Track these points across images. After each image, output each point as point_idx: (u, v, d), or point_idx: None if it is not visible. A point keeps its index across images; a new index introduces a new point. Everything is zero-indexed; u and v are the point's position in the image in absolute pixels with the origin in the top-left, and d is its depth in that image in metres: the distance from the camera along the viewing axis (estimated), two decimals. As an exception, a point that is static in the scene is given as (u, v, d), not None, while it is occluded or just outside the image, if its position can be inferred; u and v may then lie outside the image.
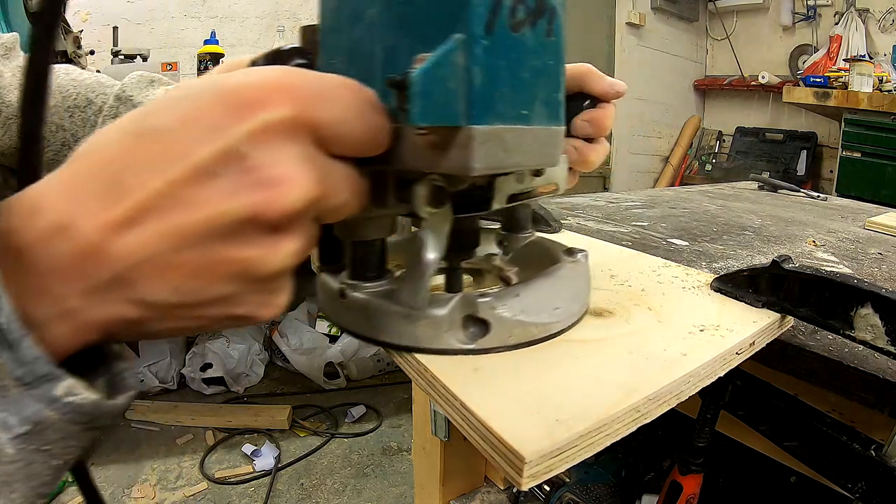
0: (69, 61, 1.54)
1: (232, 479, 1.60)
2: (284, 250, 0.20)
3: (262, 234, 0.20)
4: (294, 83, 0.20)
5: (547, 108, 0.27)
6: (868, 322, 0.31)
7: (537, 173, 0.32)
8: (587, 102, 0.38)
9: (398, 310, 0.28)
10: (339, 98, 0.21)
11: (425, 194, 0.26)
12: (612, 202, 0.97)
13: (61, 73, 0.47)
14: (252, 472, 1.63)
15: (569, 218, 0.79)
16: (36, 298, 0.17)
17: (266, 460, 1.67)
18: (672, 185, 3.42)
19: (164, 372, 2.00)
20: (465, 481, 0.82)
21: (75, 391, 0.17)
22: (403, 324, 0.29)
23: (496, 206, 0.30)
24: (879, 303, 0.30)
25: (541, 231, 0.60)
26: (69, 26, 1.59)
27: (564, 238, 0.58)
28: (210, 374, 2.01)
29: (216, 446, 1.75)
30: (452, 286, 0.35)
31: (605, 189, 3.17)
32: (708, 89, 3.59)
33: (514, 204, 0.32)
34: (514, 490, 0.79)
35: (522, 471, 0.22)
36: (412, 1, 0.24)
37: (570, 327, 0.33)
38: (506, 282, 0.37)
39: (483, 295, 0.29)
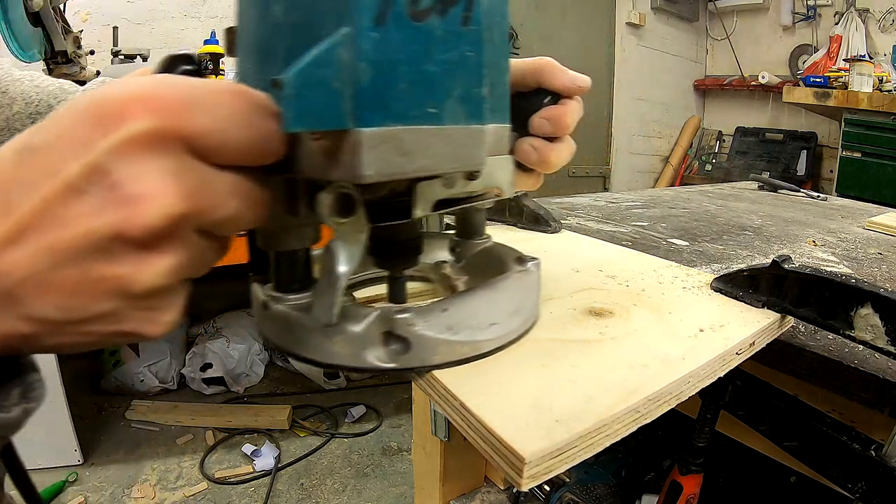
0: (69, 61, 1.54)
1: (232, 479, 1.60)
2: (155, 267, 0.20)
3: (131, 251, 0.19)
4: (160, 93, 0.19)
5: (465, 104, 0.24)
6: (868, 322, 0.31)
7: (471, 177, 0.29)
8: (548, 99, 0.35)
9: (316, 325, 0.27)
10: (216, 105, 0.20)
11: (331, 203, 0.23)
12: (612, 202, 0.97)
13: (26, 80, 0.46)
14: (252, 472, 1.63)
15: (569, 218, 0.79)
16: None
17: (266, 460, 1.67)
18: (672, 185, 3.42)
19: (164, 372, 2.00)
20: (465, 481, 0.82)
21: None
22: (320, 339, 0.27)
23: (419, 213, 0.27)
24: (879, 303, 0.30)
25: (541, 231, 0.60)
26: (69, 26, 1.59)
27: (564, 238, 0.58)
28: (210, 374, 2.00)
29: (216, 446, 1.75)
30: (396, 296, 0.34)
31: (605, 189, 3.17)
32: (708, 89, 3.59)
33: (444, 211, 0.29)
34: (514, 490, 0.79)
35: (522, 471, 0.22)
36: None
37: (507, 345, 0.30)
38: (454, 291, 0.36)
39: (403, 310, 0.27)
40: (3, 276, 0.18)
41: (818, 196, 1.13)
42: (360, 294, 0.38)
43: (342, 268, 0.24)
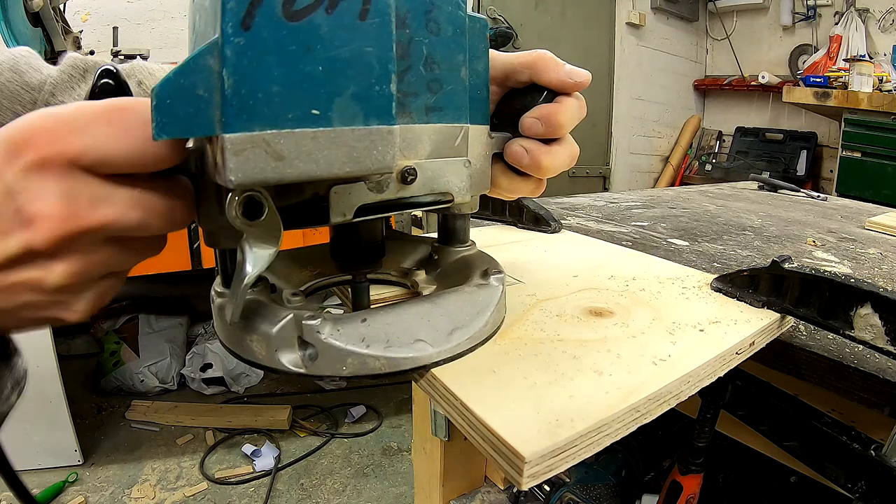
0: (69, 61, 1.54)
1: (232, 480, 1.60)
2: (60, 271, 0.23)
3: (38, 259, 0.23)
4: (43, 125, 0.22)
5: (363, 104, 0.23)
6: (868, 322, 0.31)
7: (404, 180, 0.28)
8: (543, 96, 0.32)
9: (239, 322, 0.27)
10: (94, 123, 0.22)
11: (236, 205, 0.23)
12: (612, 202, 0.97)
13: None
14: (252, 473, 1.63)
15: (569, 218, 0.79)
16: None
17: (266, 460, 1.67)
18: (672, 185, 3.42)
19: (164, 372, 2.00)
20: (465, 481, 0.82)
21: None
22: (242, 337, 0.28)
23: (337, 219, 0.27)
24: (879, 303, 0.30)
25: (541, 231, 0.60)
26: (69, 26, 1.59)
27: (565, 238, 0.58)
28: (210, 374, 2.01)
29: (216, 446, 1.75)
30: (359, 300, 0.33)
31: (605, 189, 3.17)
32: (708, 89, 3.58)
33: (367, 218, 0.28)
34: (514, 490, 0.79)
35: (522, 471, 0.22)
36: (203, 4, 0.23)
37: (434, 364, 0.28)
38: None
39: (313, 317, 0.27)
40: None
41: (818, 196, 1.13)
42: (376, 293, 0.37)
43: (248, 268, 0.24)
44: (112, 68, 0.28)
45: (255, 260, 0.24)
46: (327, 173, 0.23)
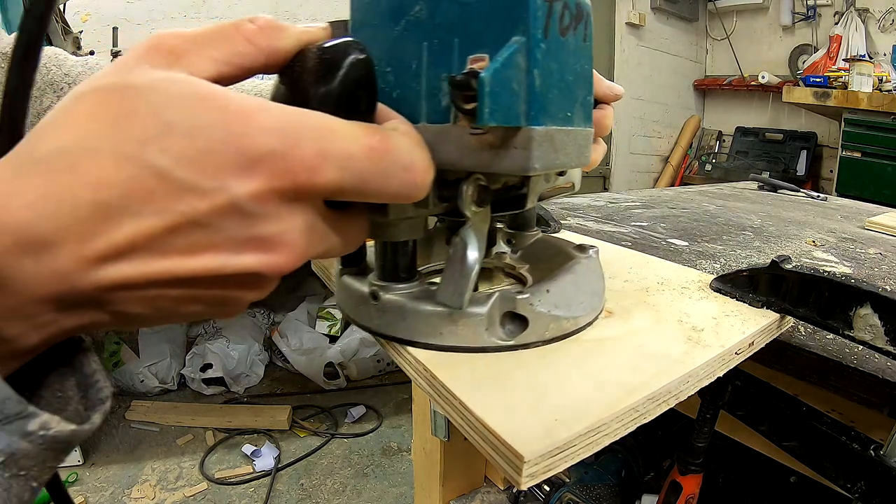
0: (69, 62, 1.54)
1: (232, 480, 1.60)
2: (265, 291, 0.22)
3: (251, 282, 0.21)
4: (298, 151, 0.19)
5: (584, 109, 0.27)
6: (867, 322, 0.31)
7: (561, 173, 0.33)
8: None
9: (438, 310, 0.29)
10: (360, 160, 0.20)
11: (472, 193, 0.26)
12: (612, 202, 0.97)
13: (52, 68, 0.43)
14: (252, 473, 1.63)
15: (568, 218, 0.79)
16: (7, 316, 0.17)
17: (266, 460, 1.67)
18: (672, 185, 3.42)
19: (164, 372, 2.00)
20: (465, 481, 0.82)
21: (49, 426, 0.17)
22: (444, 324, 0.29)
23: (530, 204, 0.31)
24: (878, 303, 0.30)
25: (542, 231, 0.60)
26: (69, 27, 1.59)
27: (565, 238, 0.58)
28: (210, 374, 2.01)
29: (216, 446, 1.75)
30: None
31: (605, 189, 3.17)
32: (708, 89, 3.59)
33: (540, 202, 0.33)
34: (514, 490, 0.79)
35: (521, 470, 0.22)
36: (468, 2, 0.24)
37: (594, 321, 0.34)
38: (518, 279, 0.37)
39: (521, 292, 0.30)
40: (92, 288, 0.17)
41: (818, 196, 1.13)
42: None
43: (474, 254, 0.27)
44: (359, 42, 0.23)
45: (480, 245, 0.27)
46: (569, 165, 0.27)
